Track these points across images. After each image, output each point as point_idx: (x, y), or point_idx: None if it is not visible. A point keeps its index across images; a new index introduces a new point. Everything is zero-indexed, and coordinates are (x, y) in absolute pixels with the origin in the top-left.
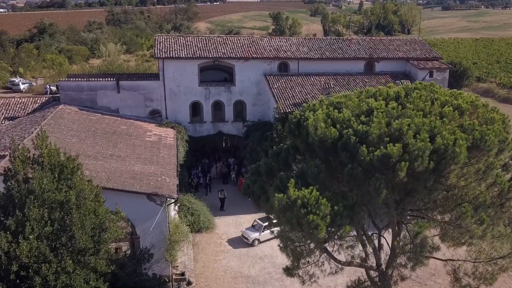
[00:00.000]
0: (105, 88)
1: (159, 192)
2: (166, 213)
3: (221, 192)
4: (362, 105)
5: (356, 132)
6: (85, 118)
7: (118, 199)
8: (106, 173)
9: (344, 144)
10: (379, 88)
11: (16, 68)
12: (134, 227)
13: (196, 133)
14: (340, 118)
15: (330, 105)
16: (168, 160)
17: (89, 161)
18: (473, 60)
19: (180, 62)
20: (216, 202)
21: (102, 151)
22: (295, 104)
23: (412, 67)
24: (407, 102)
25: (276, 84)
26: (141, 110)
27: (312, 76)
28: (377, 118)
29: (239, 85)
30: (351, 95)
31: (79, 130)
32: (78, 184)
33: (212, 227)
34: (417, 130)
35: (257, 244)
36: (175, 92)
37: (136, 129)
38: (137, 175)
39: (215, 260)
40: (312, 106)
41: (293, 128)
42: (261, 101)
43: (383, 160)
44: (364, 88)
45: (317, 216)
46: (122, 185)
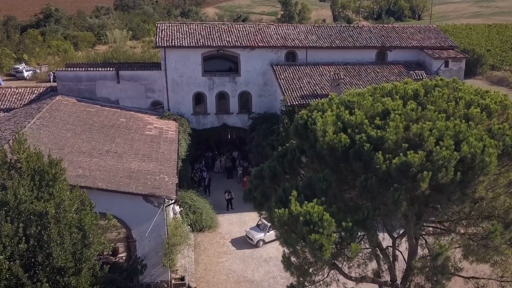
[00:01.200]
0: (105, 78)
1: (156, 193)
2: (164, 215)
3: (228, 193)
4: (376, 105)
5: (370, 138)
6: (82, 110)
7: (112, 200)
8: (101, 171)
9: (356, 152)
10: (395, 85)
11: (20, 55)
12: (130, 230)
13: (200, 126)
14: (352, 121)
15: (340, 105)
16: (168, 156)
17: (83, 158)
18: (487, 47)
19: (183, 51)
20: (219, 199)
21: (98, 146)
22: (303, 96)
23: (427, 56)
24: (427, 101)
25: (283, 74)
26: (142, 102)
27: (321, 65)
28: (394, 121)
29: (245, 75)
30: (364, 92)
31: (75, 124)
32: (58, 195)
33: (215, 226)
34: (440, 136)
35: (262, 245)
36: (177, 82)
37: (136, 122)
38: (134, 173)
39: (218, 262)
40: (320, 106)
41: (300, 130)
42: (267, 92)
43: (403, 169)
44: (378, 83)
45: (320, 235)
46: (117, 185)
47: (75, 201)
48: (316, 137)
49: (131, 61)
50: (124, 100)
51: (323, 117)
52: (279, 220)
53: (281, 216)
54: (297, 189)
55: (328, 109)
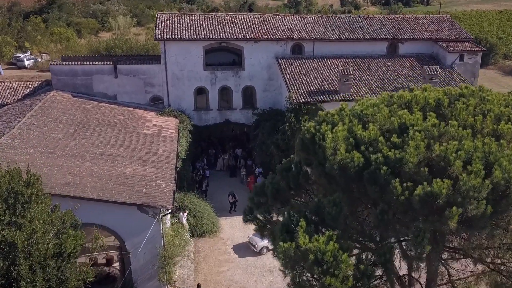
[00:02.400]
0: (101, 72)
1: (152, 203)
2: (160, 226)
3: (233, 196)
4: (393, 119)
5: (388, 160)
6: (77, 107)
7: (104, 210)
8: (92, 178)
9: (372, 174)
10: (415, 94)
11: (22, 43)
12: (123, 241)
13: (201, 122)
14: (366, 137)
15: (352, 117)
16: (167, 158)
17: (74, 162)
18: (498, 35)
19: (184, 44)
20: (220, 199)
21: (91, 148)
22: (309, 93)
23: (441, 49)
24: (450, 114)
25: (289, 68)
26: (141, 97)
27: (329, 59)
28: (414, 140)
29: (249, 69)
30: (378, 102)
31: (68, 123)
32: (33, 221)
33: (216, 230)
34: (467, 158)
35: (265, 252)
36: (178, 76)
37: (134, 119)
38: (128, 179)
39: (218, 272)
40: (330, 118)
41: (307, 144)
42: (272, 87)
43: (426, 201)
44: (389, 78)
45: (335, 279)
46: (109, 194)
47: (55, 224)
48: (325, 155)
49: (134, 49)
50: (122, 95)
51: (333, 132)
52: (284, 256)
53: (287, 251)
54: (305, 215)
55: (339, 122)
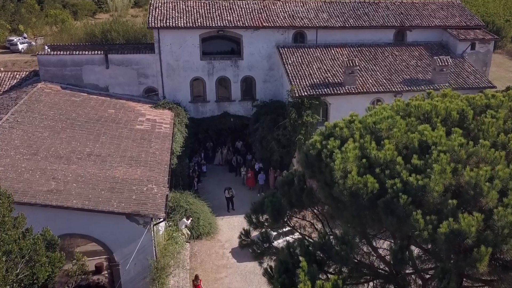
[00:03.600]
0: (92, 63)
1: (142, 212)
2: (151, 235)
3: (229, 191)
4: (413, 137)
5: (407, 186)
6: (66, 100)
7: (90, 219)
8: (78, 183)
9: (388, 203)
10: (435, 104)
11: (16, 26)
12: (112, 252)
13: (198, 114)
14: (381, 157)
15: (364, 130)
16: (160, 157)
17: (59, 165)
18: (505, 17)
19: (179, 32)
20: (218, 197)
21: (79, 148)
22: (312, 85)
23: (451, 37)
24: (476, 128)
25: (291, 58)
26: (134, 88)
27: (332, 48)
28: (439, 163)
29: (248, 58)
30: (393, 114)
31: (55, 119)
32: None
33: (213, 231)
34: (502, 187)
35: None
36: (173, 67)
37: (127, 113)
38: (117, 184)
39: (216, 279)
40: (338, 131)
41: (312, 162)
42: (273, 77)
43: (452, 240)
44: (397, 68)
45: None
46: (95, 202)
47: (25, 252)
48: (333, 177)
49: (131, 33)
50: (114, 86)
51: (343, 150)
52: None
53: None
54: (307, 250)
55: (348, 136)
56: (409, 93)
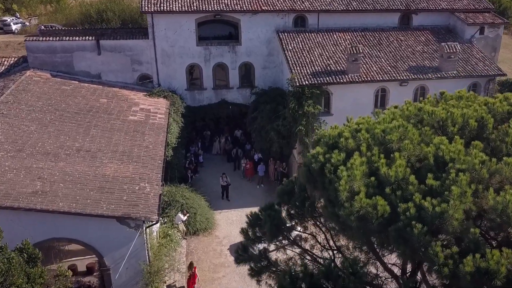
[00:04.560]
0: (83, 49)
1: (133, 214)
2: (144, 238)
3: (223, 177)
4: (428, 151)
5: (422, 212)
6: (56, 89)
7: (78, 222)
8: (65, 183)
9: (400, 231)
10: (451, 112)
11: (9, 5)
12: (102, 257)
13: (195, 102)
14: (392, 176)
15: (372, 140)
16: (154, 152)
17: (46, 162)
18: None
19: (174, 17)
20: (216, 190)
21: (67, 143)
22: (314, 73)
23: (458, 21)
24: (498, 139)
25: (291, 44)
26: (127, 76)
27: (335, 32)
28: (457, 185)
29: (246, 44)
30: (404, 122)
31: (43, 110)
32: None
33: (211, 227)
34: None
35: None
36: (168, 53)
37: (119, 102)
38: (108, 183)
39: (213, 279)
40: (343, 142)
41: (314, 176)
42: (272, 64)
43: (478, 279)
44: (402, 54)
45: None
46: (83, 204)
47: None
48: (338, 197)
49: (127, 13)
50: (106, 74)
51: (349, 167)
52: None
53: None
54: (311, 281)
55: (354, 148)
56: (415, 82)
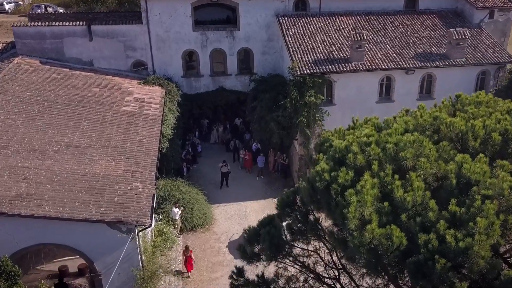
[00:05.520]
0: (74, 34)
1: (124, 218)
2: (137, 243)
3: (224, 165)
4: (449, 169)
5: (445, 247)
6: (45, 78)
7: (65, 226)
8: (52, 184)
9: (419, 266)
10: (472, 124)
11: None
12: (92, 262)
13: (192, 90)
14: (409, 201)
15: (384, 156)
16: (148, 146)
17: (32, 160)
18: None
19: (168, 1)
20: (215, 181)
21: (56, 138)
22: (316, 61)
23: (466, 4)
24: None
25: (292, 29)
26: (121, 62)
27: (337, 16)
28: (484, 214)
29: (245, 28)
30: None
31: (31, 102)
32: None
33: (208, 222)
34: None
35: None
36: (163, 39)
37: (112, 91)
38: (98, 183)
39: (211, 279)
40: (351, 158)
41: (318, 195)
42: (272, 49)
43: None
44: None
45: None
46: (71, 207)
47: None
48: (347, 225)
49: None
50: (99, 60)
51: (358, 190)
52: None
53: None
54: None
55: (363, 165)
56: (422, 70)
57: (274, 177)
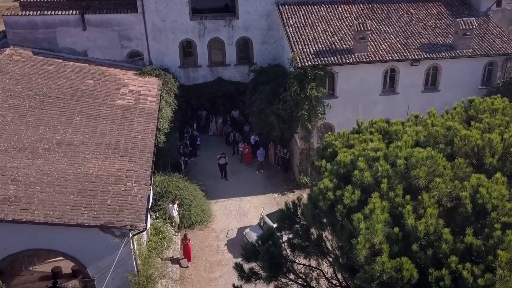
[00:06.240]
0: (67, 24)
1: (117, 223)
2: (131, 247)
3: (222, 156)
4: (463, 196)
5: (460, 282)
6: (37, 70)
7: (56, 231)
8: (42, 185)
9: None
10: (489, 138)
11: None
12: (84, 267)
13: (189, 81)
14: (421, 231)
15: (394, 173)
16: (143, 143)
17: (22, 160)
18: None
19: None
20: (213, 176)
21: (47, 135)
22: (317, 52)
23: None
24: None
25: (293, 18)
26: (116, 52)
27: (340, 5)
28: (506, 248)
29: (244, 17)
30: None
31: (22, 95)
32: None
33: (207, 219)
34: None
35: None
36: (159, 28)
37: (107, 83)
38: (90, 183)
39: (209, 279)
40: (357, 175)
41: (322, 216)
42: (272, 38)
43: None
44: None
45: None
46: (61, 212)
47: None
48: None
49: None
50: (93, 51)
51: (367, 215)
52: None
53: None
54: None
55: (371, 183)
56: (427, 61)
57: (275, 171)
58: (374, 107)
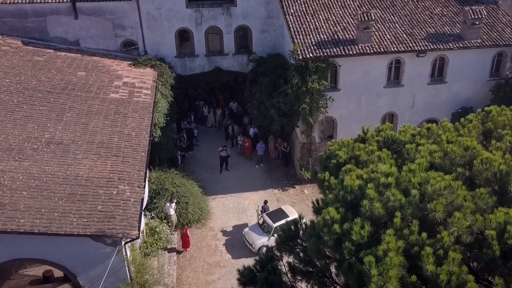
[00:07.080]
0: (57, 12)
1: (108, 231)
2: (124, 254)
3: (224, 149)
4: (489, 234)
5: None
6: (27, 62)
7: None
8: (29, 190)
9: None
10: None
11: None
12: (75, 277)
13: (186, 71)
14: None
15: (407, 203)
16: (137, 140)
17: (7, 162)
18: None
19: None
20: (212, 170)
21: (36, 133)
22: (319, 43)
23: None
24: None
25: (293, 6)
26: (110, 42)
27: None
28: None
29: (242, 5)
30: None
31: (10, 90)
32: None
33: (205, 217)
34: None
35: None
36: (154, 16)
37: (100, 75)
38: (80, 187)
39: (207, 282)
40: (367, 205)
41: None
42: (272, 27)
43: None
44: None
45: None
46: (49, 219)
47: None
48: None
49: None
50: (86, 40)
51: (380, 257)
52: None
53: None
54: None
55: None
56: (434, 52)
57: (275, 165)
58: (378, 100)
